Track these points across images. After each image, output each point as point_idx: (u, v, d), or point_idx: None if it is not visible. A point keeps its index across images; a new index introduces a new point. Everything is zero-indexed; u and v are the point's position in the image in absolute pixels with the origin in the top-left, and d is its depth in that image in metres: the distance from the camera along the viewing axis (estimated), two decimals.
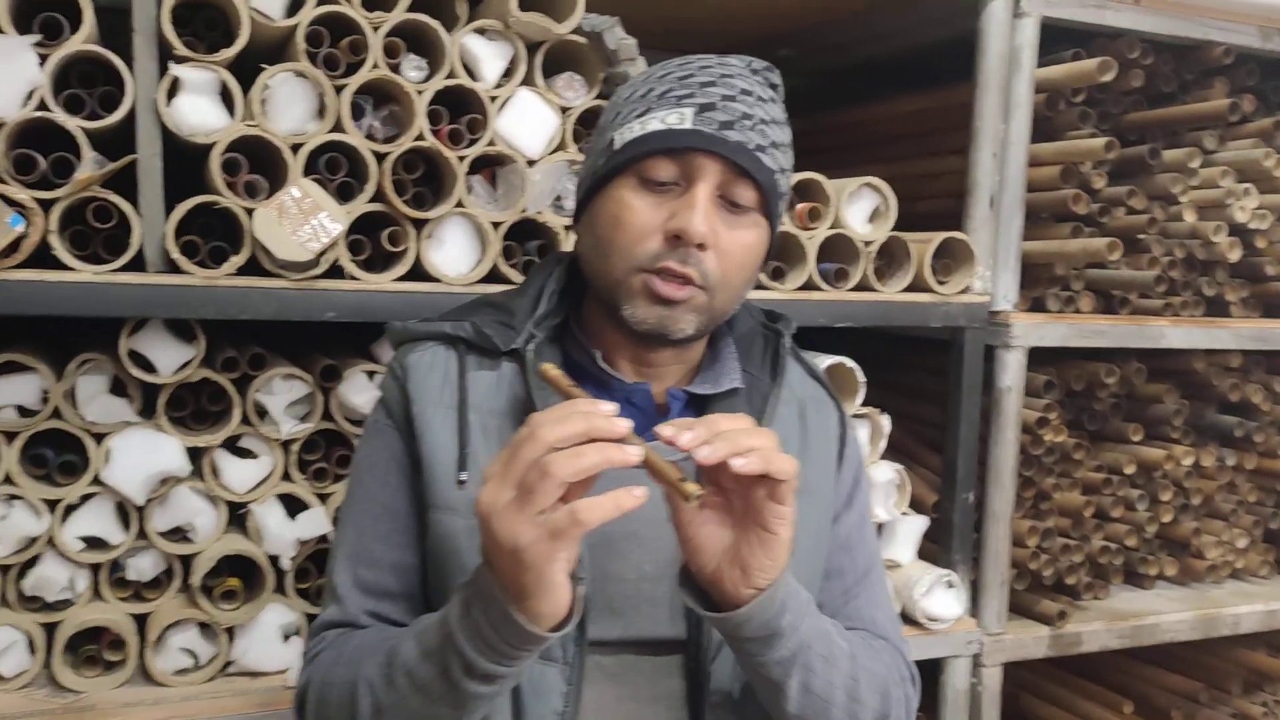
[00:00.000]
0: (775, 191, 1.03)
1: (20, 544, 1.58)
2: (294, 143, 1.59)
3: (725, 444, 0.84)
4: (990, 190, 2.05)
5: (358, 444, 1.15)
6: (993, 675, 2.15)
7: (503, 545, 0.82)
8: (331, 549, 1.13)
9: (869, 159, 2.55)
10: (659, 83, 1.03)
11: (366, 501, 1.09)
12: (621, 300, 1.01)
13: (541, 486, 0.80)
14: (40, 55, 1.49)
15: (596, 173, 1.04)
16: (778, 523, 0.89)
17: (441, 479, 1.04)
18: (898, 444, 2.32)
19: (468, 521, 1.00)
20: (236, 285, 1.55)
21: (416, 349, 1.11)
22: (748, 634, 0.93)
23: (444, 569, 1.04)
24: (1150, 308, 2.28)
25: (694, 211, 0.97)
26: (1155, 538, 2.44)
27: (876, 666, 1.06)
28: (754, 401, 1.10)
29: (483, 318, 1.10)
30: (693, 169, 0.99)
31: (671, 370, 1.10)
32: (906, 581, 2.04)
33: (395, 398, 1.09)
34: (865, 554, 1.18)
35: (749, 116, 1.00)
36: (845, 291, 1.94)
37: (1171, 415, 2.40)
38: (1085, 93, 2.23)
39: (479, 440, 1.05)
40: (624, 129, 1.02)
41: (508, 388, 1.07)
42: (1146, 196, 2.26)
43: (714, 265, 1.00)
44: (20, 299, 1.46)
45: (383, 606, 1.07)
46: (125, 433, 1.60)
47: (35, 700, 1.57)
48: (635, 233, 1.00)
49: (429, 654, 0.91)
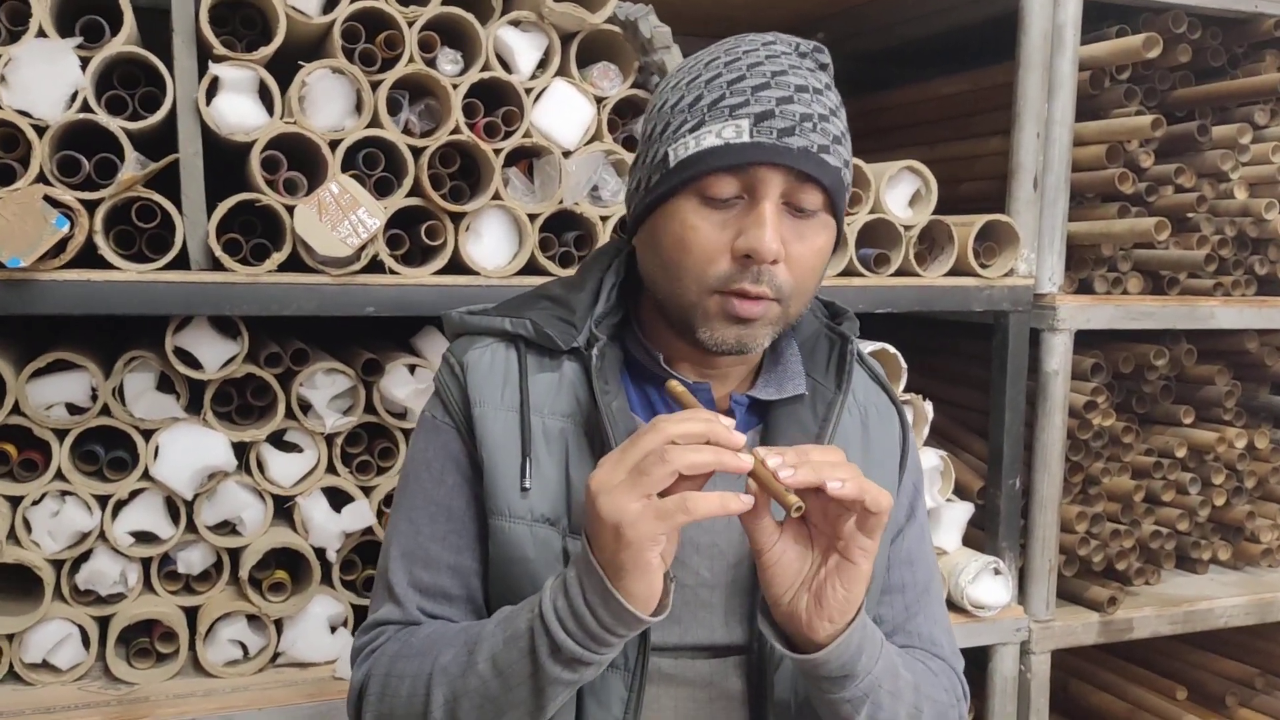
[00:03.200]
0: (841, 188, 0.99)
1: (73, 539, 1.61)
2: (332, 139, 1.60)
3: (809, 471, 0.85)
4: (1034, 171, 2.02)
5: (412, 438, 1.11)
6: (1041, 662, 2.13)
7: (606, 520, 0.83)
8: (385, 544, 1.09)
9: (908, 142, 2.53)
10: (708, 88, 0.97)
11: (422, 499, 1.06)
12: (697, 323, 0.98)
13: (655, 470, 0.82)
14: (82, 58, 1.51)
15: (653, 190, 0.99)
16: (861, 554, 0.88)
17: (504, 486, 1.01)
18: (941, 430, 2.30)
19: (532, 529, 1.00)
20: (278, 282, 1.57)
21: (475, 345, 1.07)
22: (823, 674, 0.92)
23: (509, 576, 1.01)
24: (1200, 288, 2.24)
25: (763, 229, 0.93)
26: (1207, 521, 2.40)
27: (937, 694, 1.06)
28: (818, 409, 1.06)
29: (541, 314, 1.06)
30: (756, 183, 0.94)
31: (734, 373, 1.07)
32: (953, 569, 2.02)
33: (454, 396, 1.06)
34: (925, 568, 1.15)
35: (809, 117, 0.95)
36: (886, 277, 1.92)
37: (1223, 397, 2.35)
38: (1130, 69, 2.18)
39: (540, 446, 1.02)
40: (678, 144, 0.97)
41: (569, 389, 1.04)
42: (1195, 174, 2.22)
43: (787, 278, 0.96)
44: (68, 299, 1.48)
45: (440, 608, 1.05)
46: (173, 428, 1.62)
47: (90, 692, 1.61)
48: (703, 255, 0.96)
49: (514, 638, 0.90)
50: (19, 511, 1.59)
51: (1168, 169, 2.18)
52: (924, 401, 1.96)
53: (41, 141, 1.49)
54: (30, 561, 1.58)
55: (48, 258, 1.45)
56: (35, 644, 1.60)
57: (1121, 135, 2.12)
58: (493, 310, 1.10)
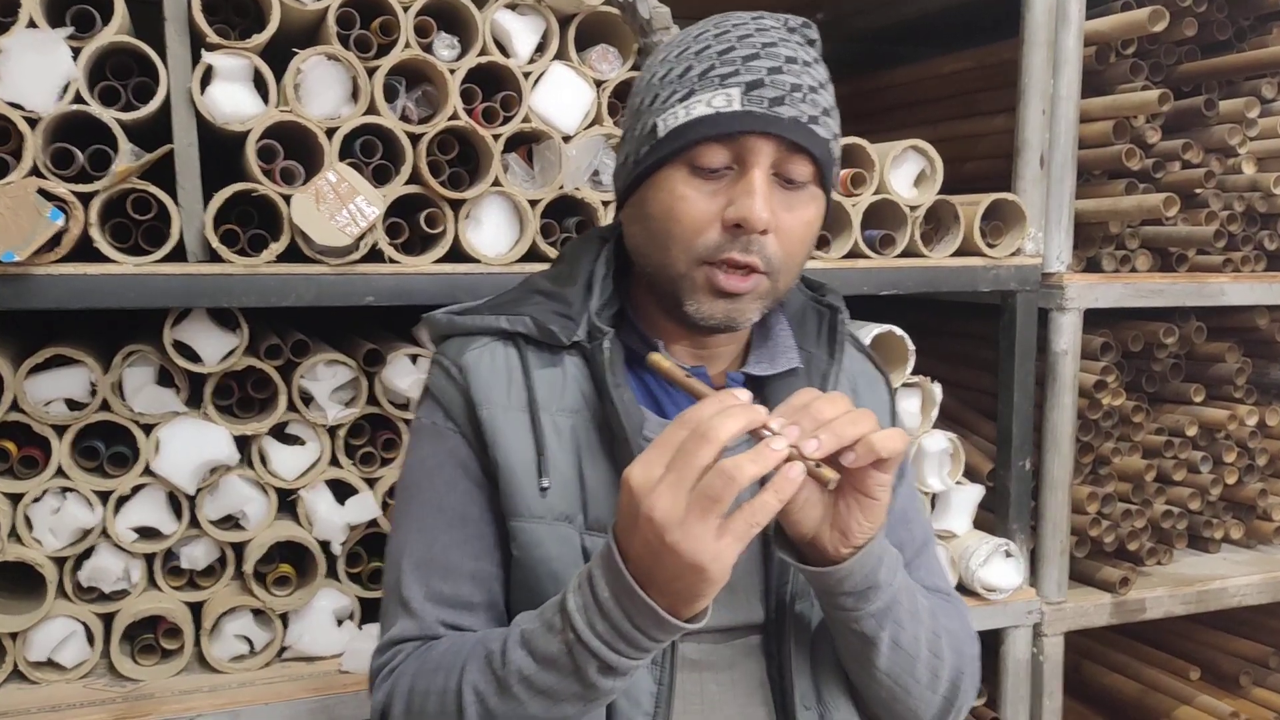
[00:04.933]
0: (830, 161, 0.99)
1: (75, 536, 1.60)
2: (328, 127, 1.58)
3: (831, 437, 0.83)
4: (1040, 148, 2.00)
5: (409, 447, 1.08)
6: (1054, 644, 2.12)
7: (685, 559, 0.78)
8: (390, 559, 1.06)
9: (912, 122, 2.51)
10: (697, 59, 0.97)
11: (432, 508, 1.03)
12: (685, 296, 0.97)
13: (728, 493, 0.78)
14: (74, 48, 1.49)
15: (641, 161, 0.99)
16: (880, 489, 0.89)
17: (522, 487, 0.99)
18: (949, 412, 2.28)
19: (553, 528, 0.99)
20: (277, 272, 1.55)
21: (471, 346, 1.05)
22: (847, 588, 0.93)
23: (531, 577, 1.00)
24: (1209, 264, 2.21)
25: (754, 198, 0.93)
26: (1219, 500, 2.38)
27: (952, 624, 1.07)
28: (813, 380, 1.06)
29: (538, 309, 1.04)
30: (746, 152, 0.94)
31: (726, 351, 1.07)
32: (963, 552, 2.00)
33: (455, 400, 1.03)
34: (921, 525, 1.17)
35: (798, 88, 0.95)
36: (892, 258, 1.90)
37: (1234, 374, 2.33)
38: (1136, 44, 2.16)
39: (553, 443, 1.00)
40: (667, 114, 0.96)
41: (574, 384, 1.02)
42: (1203, 149, 2.19)
43: (776, 249, 0.96)
44: (64, 293, 1.47)
45: (462, 618, 1.02)
46: (173, 423, 1.61)
47: (95, 690, 1.59)
48: (692, 224, 0.95)
49: (552, 661, 0.87)
50: (20, 509, 1.58)
51: (1175, 144, 2.16)
52: (932, 384, 1.94)
53: (34, 134, 1.47)
54: (32, 559, 1.57)
55: (43, 252, 1.44)
56: (39, 642, 1.59)
57: (1128, 111, 2.09)
58: (481, 309, 1.08)
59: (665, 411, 1.04)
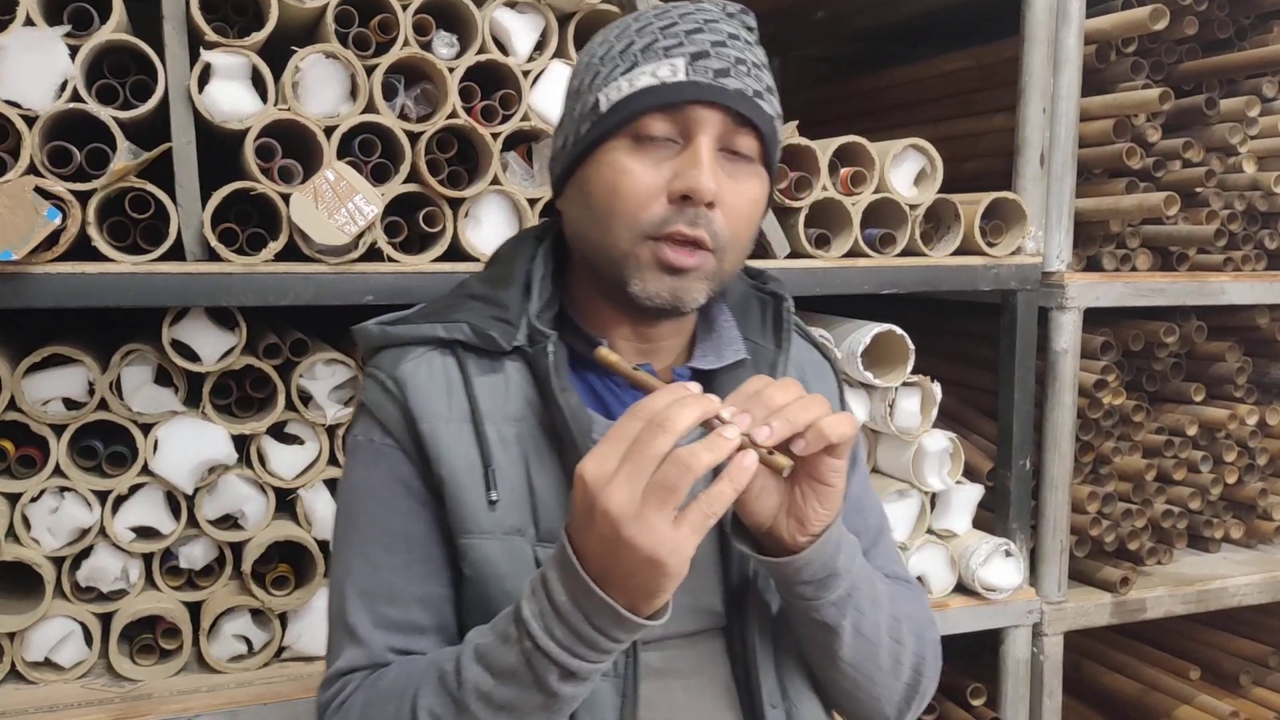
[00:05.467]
0: (775, 139, 0.98)
1: (73, 535, 1.59)
2: (327, 125, 1.58)
3: (783, 424, 0.82)
4: (1040, 147, 1.99)
5: (346, 467, 1.03)
6: (1054, 644, 2.11)
7: (643, 552, 0.76)
8: (334, 587, 1.01)
9: (913, 121, 2.50)
10: (639, 35, 0.95)
11: (374, 530, 0.99)
12: (629, 275, 0.94)
13: (684, 483, 0.76)
14: (71, 47, 1.49)
15: (582, 140, 0.96)
16: (834, 476, 0.88)
17: (469, 502, 0.96)
18: (949, 411, 2.28)
19: (504, 542, 0.95)
20: (275, 271, 1.54)
21: (406, 357, 1.00)
22: (806, 577, 0.92)
23: (484, 596, 0.96)
24: (1210, 263, 2.21)
25: (700, 169, 0.91)
26: (1220, 500, 2.38)
27: (912, 609, 1.06)
28: (760, 371, 1.03)
29: (475, 315, 1.00)
30: (692, 123, 0.92)
31: (671, 345, 1.05)
32: (963, 551, 2.00)
33: (393, 415, 0.99)
34: (875, 512, 1.16)
35: (742, 61, 0.94)
36: (892, 257, 1.90)
37: (1234, 373, 2.33)
38: (1137, 43, 2.15)
39: (499, 453, 0.96)
40: (609, 88, 0.94)
41: (516, 391, 0.99)
42: (1203, 148, 2.19)
43: (723, 224, 0.93)
44: (61, 292, 1.46)
45: (413, 643, 0.97)
46: (172, 422, 1.60)
47: (94, 690, 1.59)
48: (637, 198, 0.92)
49: (510, 673, 0.84)
50: (18, 509, 1.57)
51: (1175, 143, 2.15)
52: (932, 383, 1.94)
53: (31, 132, 1.46)
54: (30, 559, 1.56)
55: (40, 250, 1.43)
56: (37, 642, 1.58)
57: (1128, 109, 2.09)
58: (414, 317, 1.04)
59: (612, 413, 1.01)
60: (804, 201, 1.84)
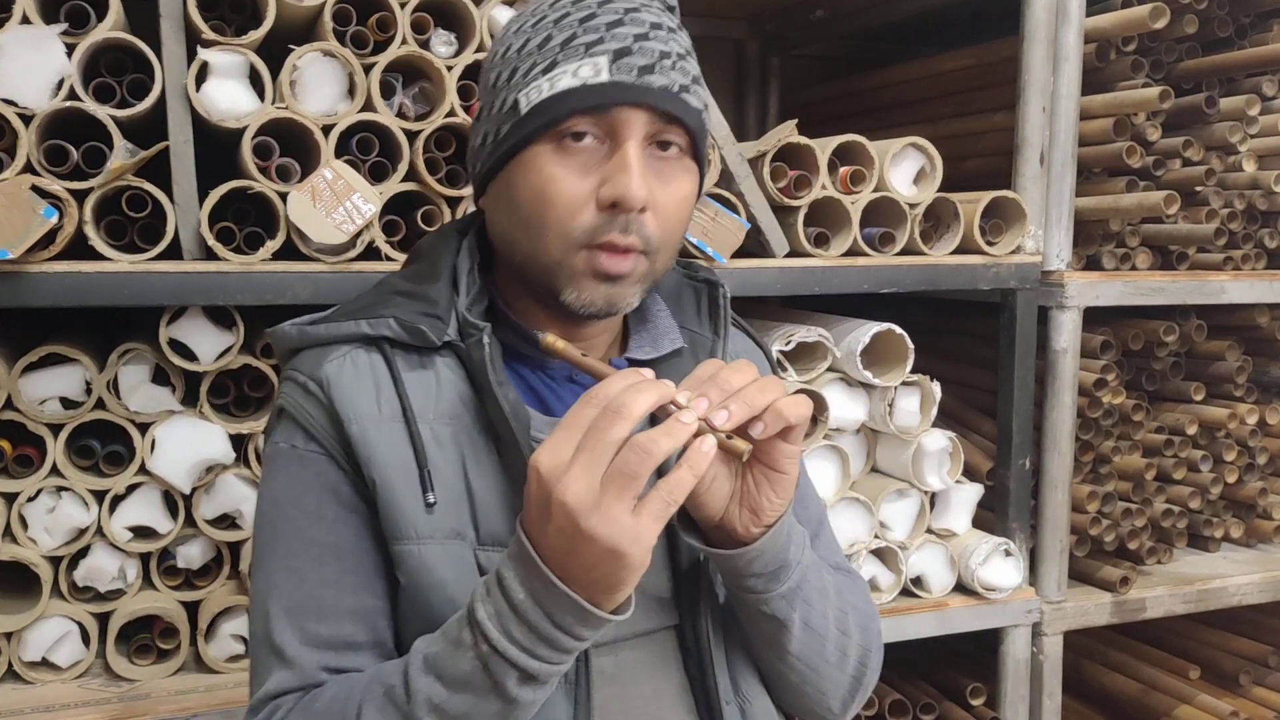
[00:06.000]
0: (703, 131, 0.94)
1: (70, 535, 1.59)
2: (325, 124, 1.57)
3: (741, 407, 0.80)
4: (1040, 146, 1.99)
5: (265, 476, 0.97)
6: (1053, 644, 2.11)
7: (604, 543, 0.74)
8: (255, 606, 0.94)
9: (912, 119, 2.50)
10: (557, 28, 0.90)
11: (300, 543, 0.92)
12: (562, 283, 0.91)
13: (644, 469, 0.74)
14: (68, 45, 1.48)
15: (503, 142, 0.92)
16: (788, 462, 0.86)
17: (404, 506, 0.90)
18: (949, 411, 2.27)
19: (444, 547, 0.90)
20: (273, 270, 1.54)
21: (329, 356, 0.95)
22: (757, 569, 0.90)
23: (424, 605, 0.91)
24: (1210, 262, 2.20)
25: (630, 175, 0.87)
26: (1220, 499, 2.37)
27: (856, 600, 1.05)
28: (700, 359, 0.99)
29: (401, 310, 0.95)
30: (617, 125, 0.88)
31: (602, 339, 1.01)
32: (962, 551, 2.00)
33: (317, 418, 0.93)
34: (815, 502, 1.14)
35: (667, 54, 0.89)
36: (891, 256, 1.89)
37: (1234, 372, 2.32)
38: (1136, 41, 2.15)
39: (435, 453, 0.92)
40: (529, 88, 0.89)
41: (449, 388, 0.94)
42: (1203, 147, 2.18)
43: (654, 227, 0.90)
44: (58, 290, 1.46)
45: (346, 660, 0.91)
46: (169, 422, 1.60)
47: (91, 690, 1.59)
48: (567, 206, 0.89)
49: (465, 681, 0.81)
50: (15, 508, 1.57)
51: (1175, 142, 2.15)
52: (931, 382, 1.94)
53: (28, 130, 1.46)
54: (27, 559, 1.56)
55: (37, 249, 1.43)
56: (34, 642, 1.58)
57: (1128, 108, 2.09)
58: (336, 315, 0.99)
59: (550, 408, 0.98)
60: (803, 200, 1.84)
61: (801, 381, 1.86)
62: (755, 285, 1.81)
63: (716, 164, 1.76)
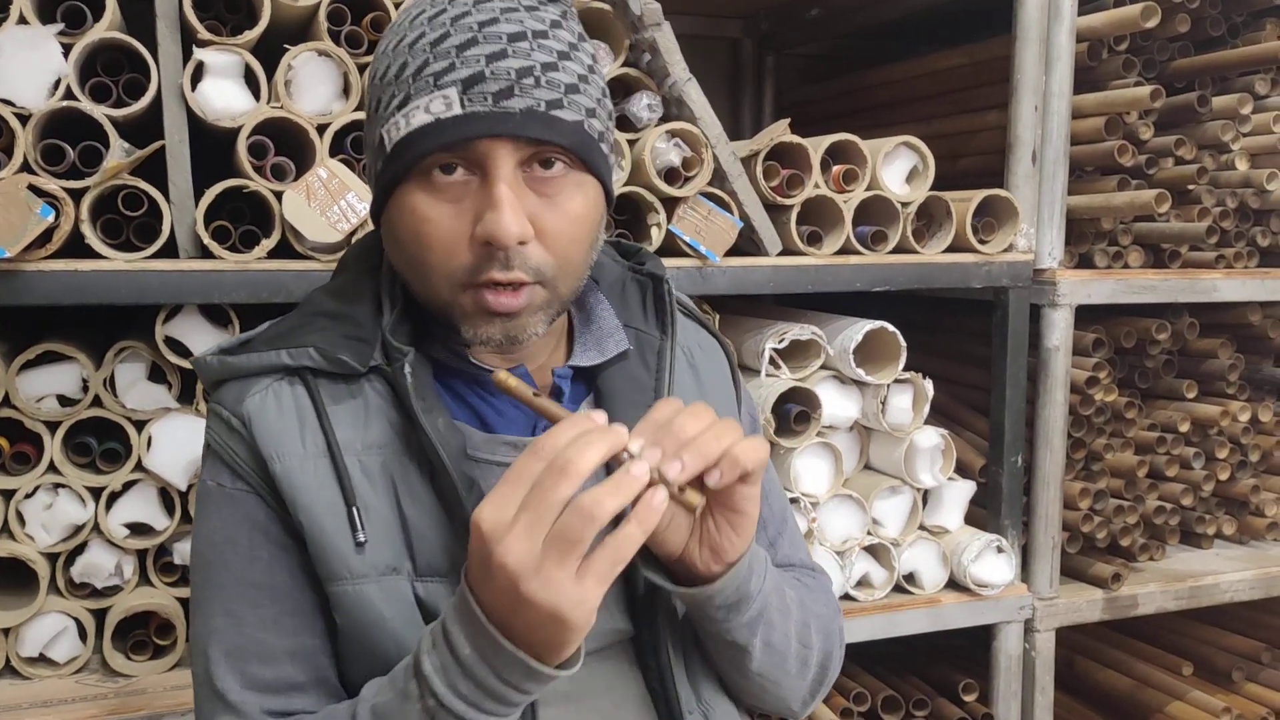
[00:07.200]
0: (588, 142, 0.86)
1: (67, 531, 1.60)
2: (319, 123, 1.58)
3: (695, 458, 0.76)
4: (1032, 145, 2.00)
5: (197, 516, 0.94)
6: (1046, 640, 2.12)
7: (544, 609, 0.71)
8: (196, 649, 0.92)
9: (905, 118, 2.51)
10: (411, 54, 0.84)
11: (235, 585, 0.90)
12: (458, 321, 0.87)
13: (587, 533, 0.70)
14: (64, 45, 1.49)
15: (379, 178, 0.87)
16: (747, 504, 0.83)
17: (336, 546, 0.87)
18: (941, 408, 2.28)
19: (380, 584, 0.87)
20: (268, 269, 1.55)
21: (251, 391, 0.90)
22: (719, 603, 0.88)
23: (365, 642, 0.88)
24: (1202, 260, 2.21)
25: (498, 212, 0.81)
26: (1212, 496, 2.38)
27: (819, 608, 1.03)
28: (648, 360, 0.98)
29: (323, 335, 0.91)
30: (480, 158, 0.83)
31: (542, 345, 0.95)
32: (955, 547, 2.01)
33: (242, 457, 0.90)
34: (778, 497, 1.12)
35: (527, 71, 0.82)
36: (884, 254, 1.90)
37: (1226, 370, 2.33)
38: (1129, 40, 2.16)
39: (364, 487, 0.88)
40: (389, 124, 0.85)
41: (377, 414, 0.90)
42: (1196, 145, 2.19)
43: (542, 256, 0.85)
44: (55, 289, 1.47)
45: (291, 702, 0.89)
46: (165, 419, 1.61)
47: (88, 685, 1.60)
48: (442, 249, 0.84)
49: None
50: (12, 505, 1.58)
51: (1168, 141, 2.16)
52: (924, 380, 1.95)
53: (25, 130, 1.47)
54: (24, 555, 1.57)
55: (34, 248, 1.44)
56: (31, 638, 1.59)
57: (1120, 107, 2.09)
58: (257, 343, 0.93)
59: (490, 424, 0.93)
60: (796, 199, 1.85)
61: (795, 379, 1.87)
62: (748, 283, 1.82)
63: (709, 163, 1.77)
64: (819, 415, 1.88)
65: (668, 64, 1.75)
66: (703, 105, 1.76)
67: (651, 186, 1.73)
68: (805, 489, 1.89)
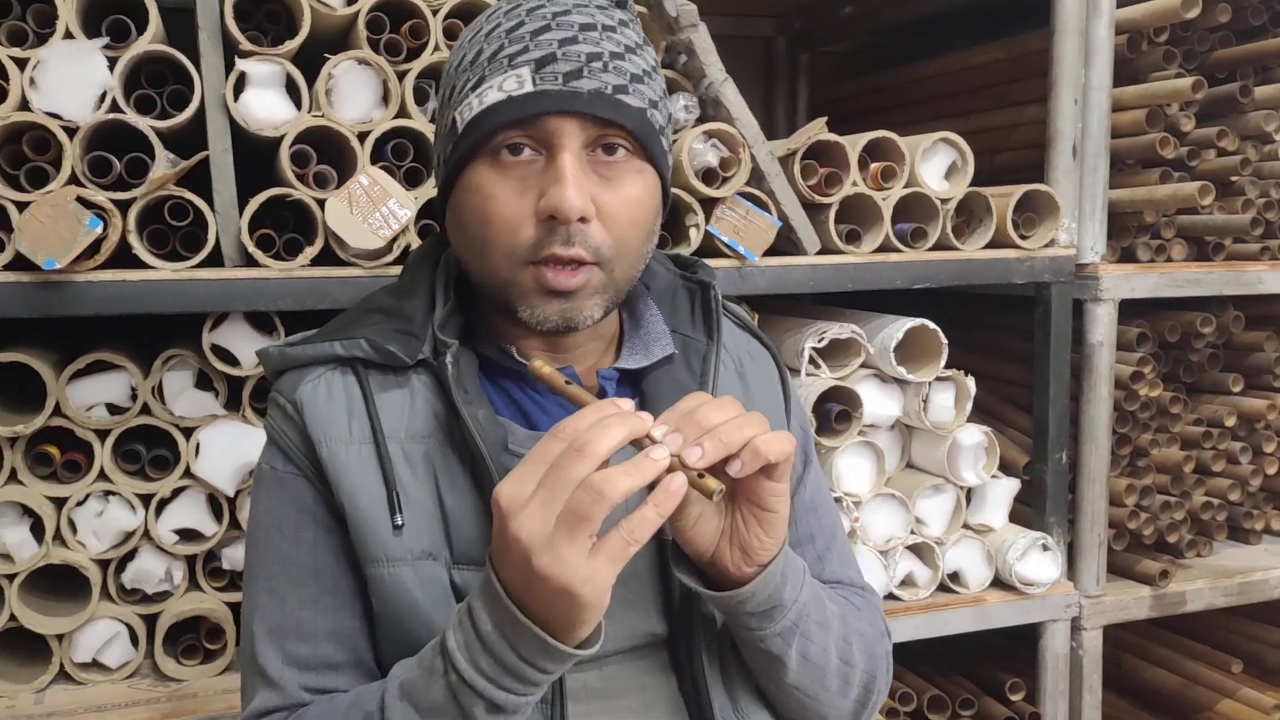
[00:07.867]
0: (650, 130, 0.90)
1: (118, 538, 1.62)
2: (360, 131, 1.59)
3: (716, 445, 0.77)
4: (1073, 139, 1.98)
5: (252, 498, 0.98)
6: (1093, 639, 2.10)
7: (554, 584, 0.73)
8: (244, 625, 0.95)
9: (943, 114, 2.49)
10: (487, 41, 0.89)
11: (280, 565, 0.93)
12: (515, 302, 0.90)
13: (597, 511, 0.71)
14: (109, 58, 1.52)
15: (448, 161, 0.91)
16: (776, 501, 0.83)
17: (375, 529, 0.90)
18: (984, 405, 2.27)
19: (415, 568, 0.90)
20: (312, 276, 1.56)
21: (306, 378, 0.95)
22: (750, 609, 0.87)
23: (400, 627, 0.91)
24: (1246, 252, 2.18)
25: (563, 186, 0.84)
26: (1259, 491, 2.35)
27: (863, 626, 1.02)
28: (693, 365, 0.99)
29: (375, 329, 0.95)
30: (549, 135, 0.86)
31: (589, 349, 0.98)
32: (1000, 546, 1.99)
33: (294, 441, 0.94)
34: (829, 511, 1.11)
35: (597, 56, 0.86)
36: (923, 252, 1.89)
37: (1273, 363, 2.30)
38: (1169, 31, 2.13)
39: (405, 474, 0.91)
40: (462, 106, 0.88)
41: (424, 406, 0.93)
42: (1238, 136, 2.16)
43: (603, 236, 0.88)
44: (104, 299, 1.49)
45: (326, 680, 0.92)
46: (213, 426, 1.63)
47: (140, 690, 1.62)
48: (506, 224, 0.87)
49: (436, 710, 0.80)
50: (64, 513, 1.60)
51: (1209, 132, 2.13)
52: (966, 377, 1.93)
53: (72, 143, 1.49)
54: (76, 562, 1.59)
55: (83, 259, 1.46)
56: (84, 644, 1.61)
57: (1161, 99, 2.07)
58: (316, 336, 0.98)
59: (535, 422, 0.95)
60: (834, 197, 1.84)
61: (835, 378, 1.87)
62: (787, 283, 1.81)
63: (746, 163, 1.76)
64: (860, 414, 1.87)
65: (704, 65, 1.75)
66: (739, 105, 1.76)
67: (689, 187, 1.73)
68: (847, 488, 1.89)
